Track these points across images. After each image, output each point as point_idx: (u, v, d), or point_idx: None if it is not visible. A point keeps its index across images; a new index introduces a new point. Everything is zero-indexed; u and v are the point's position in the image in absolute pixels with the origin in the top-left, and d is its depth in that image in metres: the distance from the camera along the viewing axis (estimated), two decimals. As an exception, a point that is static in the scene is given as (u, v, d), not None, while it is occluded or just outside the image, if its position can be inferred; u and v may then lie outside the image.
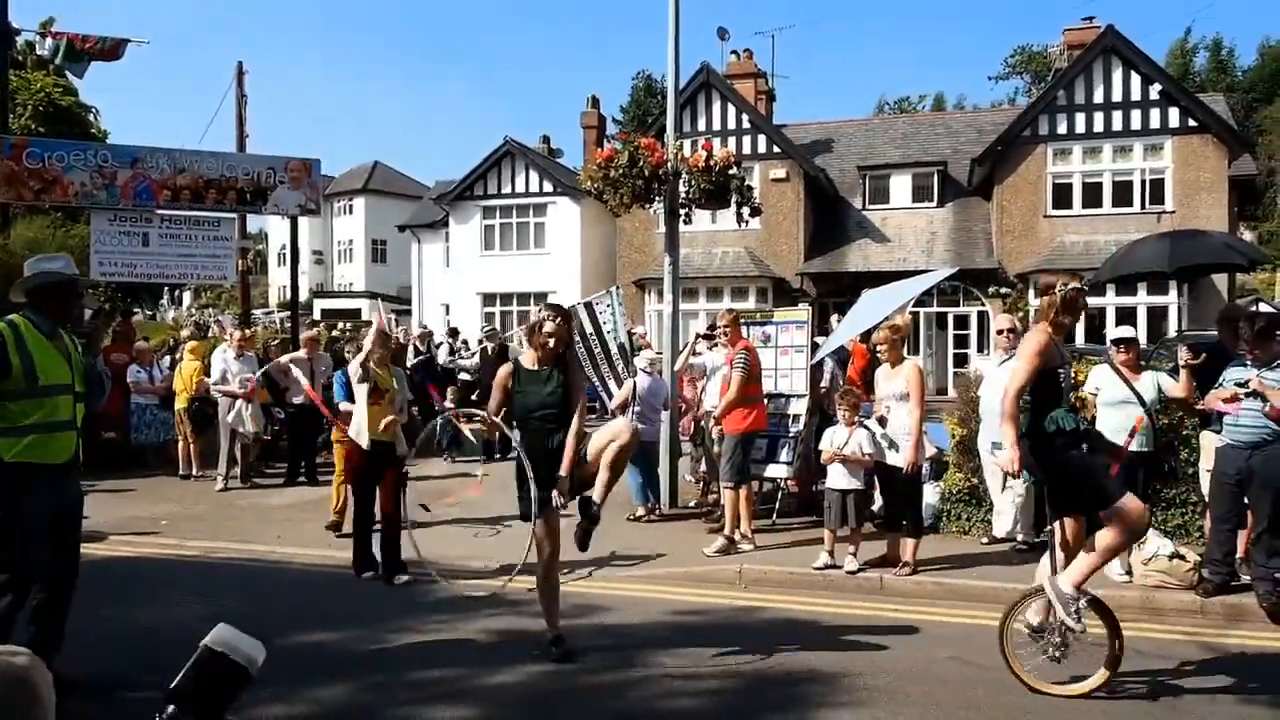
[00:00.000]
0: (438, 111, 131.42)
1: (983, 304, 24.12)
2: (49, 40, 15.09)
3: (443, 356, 15.20)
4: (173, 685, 1.34)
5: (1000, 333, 7.65)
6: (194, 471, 11.32)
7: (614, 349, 10.67)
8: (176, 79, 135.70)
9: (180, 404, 11.44)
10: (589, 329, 10.64)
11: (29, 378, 4.41)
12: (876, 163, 27.36)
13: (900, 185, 26.51)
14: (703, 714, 4.53)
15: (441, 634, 5.65)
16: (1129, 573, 6.48)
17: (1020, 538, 7.35)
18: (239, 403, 10.84)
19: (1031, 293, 22.91)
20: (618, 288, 11.63)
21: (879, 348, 7.06)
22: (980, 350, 23.40)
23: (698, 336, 9.73)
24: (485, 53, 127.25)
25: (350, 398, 7.49)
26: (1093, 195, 23.29)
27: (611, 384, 10.60)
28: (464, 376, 14.19)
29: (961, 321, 24.67)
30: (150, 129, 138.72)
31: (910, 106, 56.74)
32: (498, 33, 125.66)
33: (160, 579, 7.13)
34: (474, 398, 12.98)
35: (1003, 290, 23.66)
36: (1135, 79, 22.88)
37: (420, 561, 6.52)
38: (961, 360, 23.76)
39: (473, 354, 14.57)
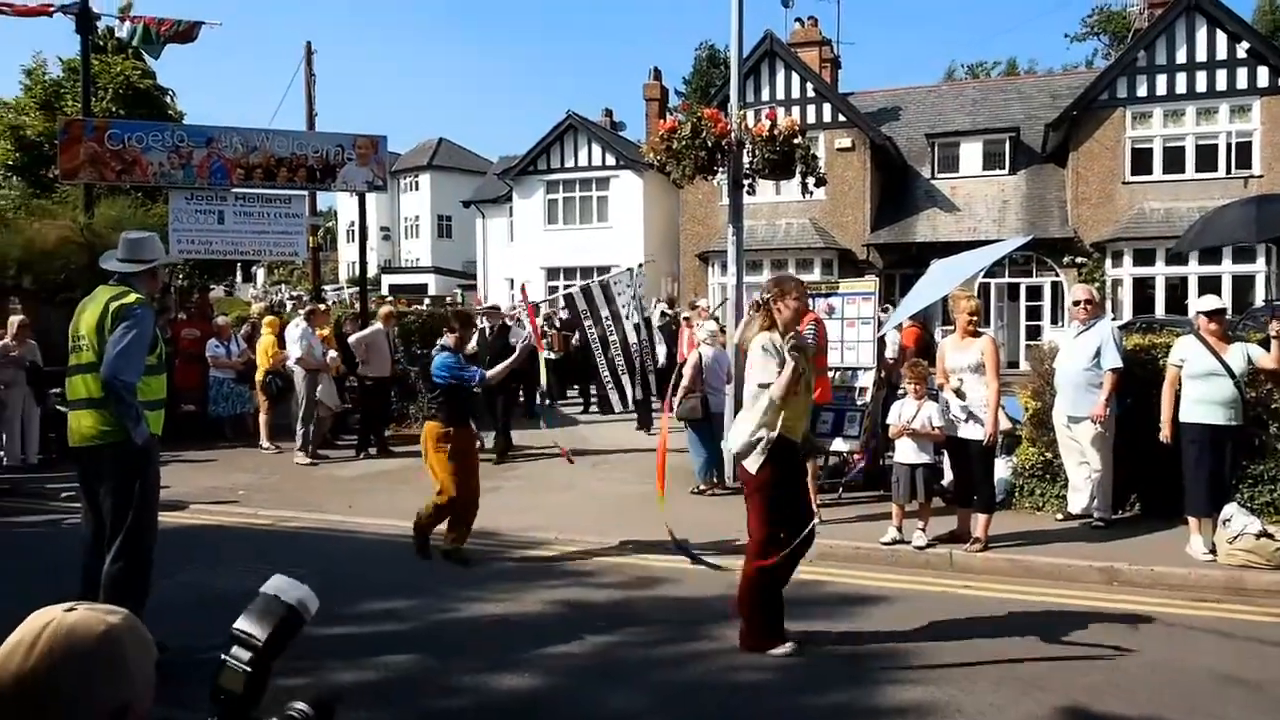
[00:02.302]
0: (501, 87, 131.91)
1: (1057, 274, 23.44)
2: (127, 24, 15.46)
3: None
4: (233, 627, 1.42)
5: (1077, 304, 7.41)
6: (269, 443, 11.62)
7: (629, 330, 10.11)
8: (246, 59, 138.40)
9: (258, 377, 11.76)
10: (604, 311, 10.09)
11: (157, 354, 4.73)
12: (946, 130, 26.67)
13: (970, 153, 25.81)
14: (769, 687, 4.51)
15: (506, 604, 5.72)
16: (1213, 551, 6.25)
17: (1097, 515, 7.15)
18: (324, 376, 11.10)
19: (1109, 262, 22.21)
20: (640, 265, 11.09)
21: (971, 318, 6.84)
22: (1054, 322, 22.78)
23: (754, 304, 9.58)
24: (547, 26, 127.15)
25: (458, 378, 6.69)
26: (1175, 160, 22.37)
27: (624, 376, 10.12)
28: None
29: (1034, 292, 24.01)
30: (222, 109, 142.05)
31: (982, 71, 55.13)
32: (559, 5, 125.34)
33: (237, 546, 7.36)
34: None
35: (1078, 260, 22.95)
36: (1221, 37, 21.85)
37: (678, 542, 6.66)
38: (1034, 332, 23.15)
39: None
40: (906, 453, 6.85)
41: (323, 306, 12.83)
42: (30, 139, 26.66)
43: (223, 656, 1.45)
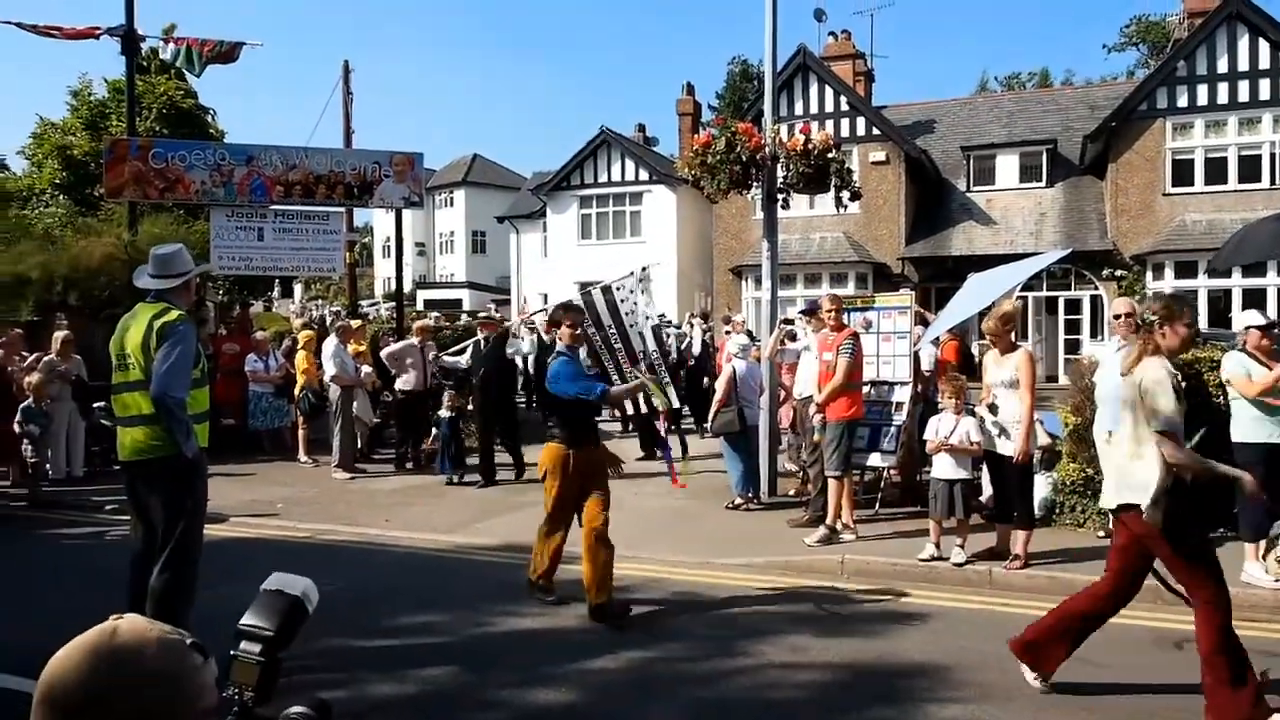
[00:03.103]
0: (535, 103, 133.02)
1: (1096, 287, 23.11)
2: (171, 46, 15.82)
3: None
4: (240, 624, 1.45)
5: (1119, 317, 7.26)
6: (306, 457, 11.75)
7: (634, 339, 9.52)
8: (284, 78, 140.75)
9: (296, 392, 11.92)
10: (606, 319, 9.52)
11: (199, 368, 4.83)
12: (981, 143, 26.45)
13: (1007, 165, 25.57)
14: (805, 705, 4.47)
15: (542, 619, 5.72)
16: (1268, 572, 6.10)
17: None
18: (360, 391, 11.21)
19: (1149, 274, 21.87)
20: (645, 268, 10.20)
21: (988, 339, 6.81)
22: (1094, 335, 22.43)
23: (782, 323, 9.54)
24: (580, 42, 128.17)
25: (576, 385, 5.75)
26: (1216, 171, 22.00)
27: (630, 377, 9.38)
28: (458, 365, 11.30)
29: (1073, 306, 23.68)
30: (261, 127, 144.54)
31: (1016, 83, 54.69)
32: (591, 22, 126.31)
33: (276, 559, 7.36)
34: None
35: (1118, 273, 22.62)
36: (1264, 46, 21.49)
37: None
38: (1073, 346, 22.83)
39: (462, 348, 11.64)
40: (944, 468, 6.77)
41: (355, 323, 12.95)
42: (76, 158, 27.27)
43: (231, 653, 1.47)
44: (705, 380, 12.99)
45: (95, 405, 10.12)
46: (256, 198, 13.80)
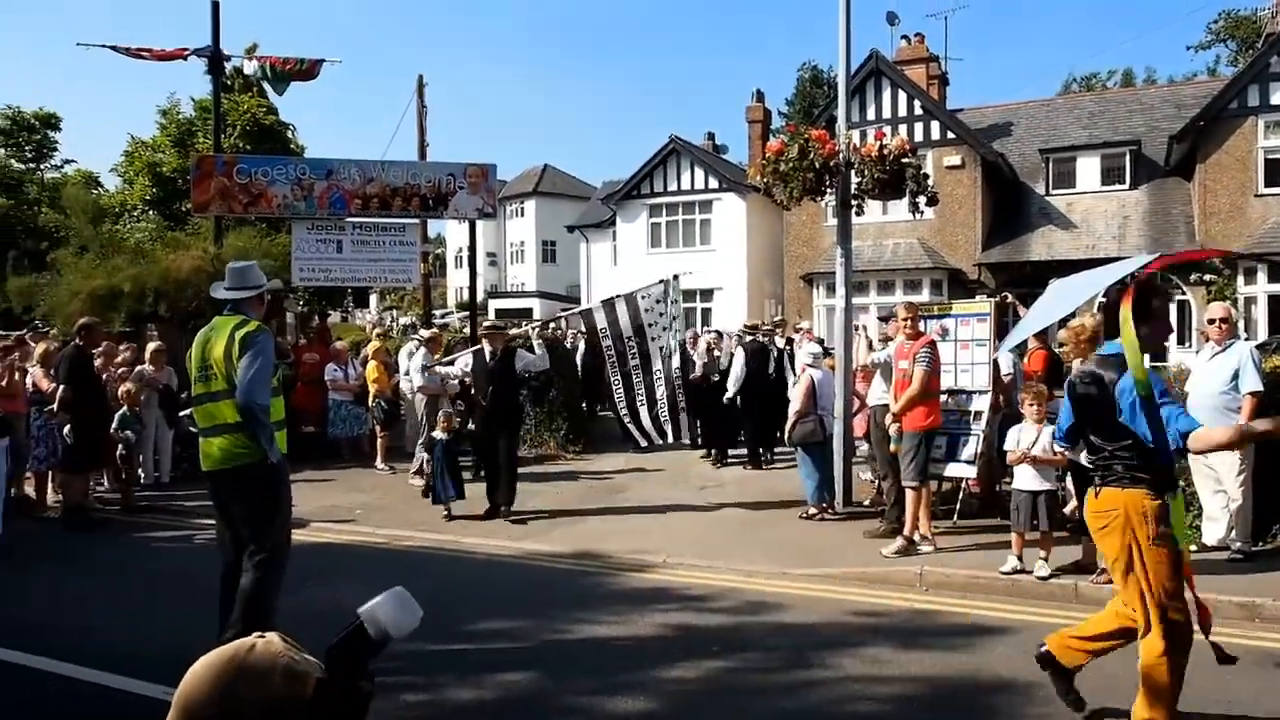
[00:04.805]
0: (605, 113, 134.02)
1: (1183, 293, 22.28)
2: (253, 64, 16.37)
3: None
4: (327, 648, 1.46)
5: (1213, 323, 7.02)
6: (383, 464, 11.97)
7: (654, 352, 9.04)
8: (361, 93, 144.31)
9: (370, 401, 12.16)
10: (627, 330, 9.10)
11: (276, 377, 4.99)
12: (1061, 145, 25.76)
13: (1088, 167, 24.85)
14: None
15: (617, 627, 5.73)
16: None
17: (1235, 546, 6.73)
18: (444, 400, 11.36)
19: (1241, 279, 21.01)
20: (676, 277, 9.67)
21: (1063, 348, 6.62)
22: (1181, 342, 21.64)
23: (862, 327, 9.40)
24: (649, 51, 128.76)
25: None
26: (1312, 171, 21.06)
27: (640, 398, 9.09)
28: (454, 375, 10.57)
29: (1159, 312, 22.84)
30: (338, 142, 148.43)
31: (1098, 84, 53.19)
32: (661, 30, 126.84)
33: (354, 564, 7.59)
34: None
35: (1207, 277, 21.76)
36: (1365, 39, 20.54)
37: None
38: (1159, 354, 22.05)
39: (453, 358, 10.74)
40: (1026, 479, 6.59)
41: (435, 333, 13.12)
42: (165, 175, 28.31)
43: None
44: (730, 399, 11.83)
45: (182, 414, 10.48)
46: (335, 211, 14.18)
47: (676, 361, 9.21)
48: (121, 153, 30.86)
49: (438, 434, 9.27)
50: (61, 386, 8.91)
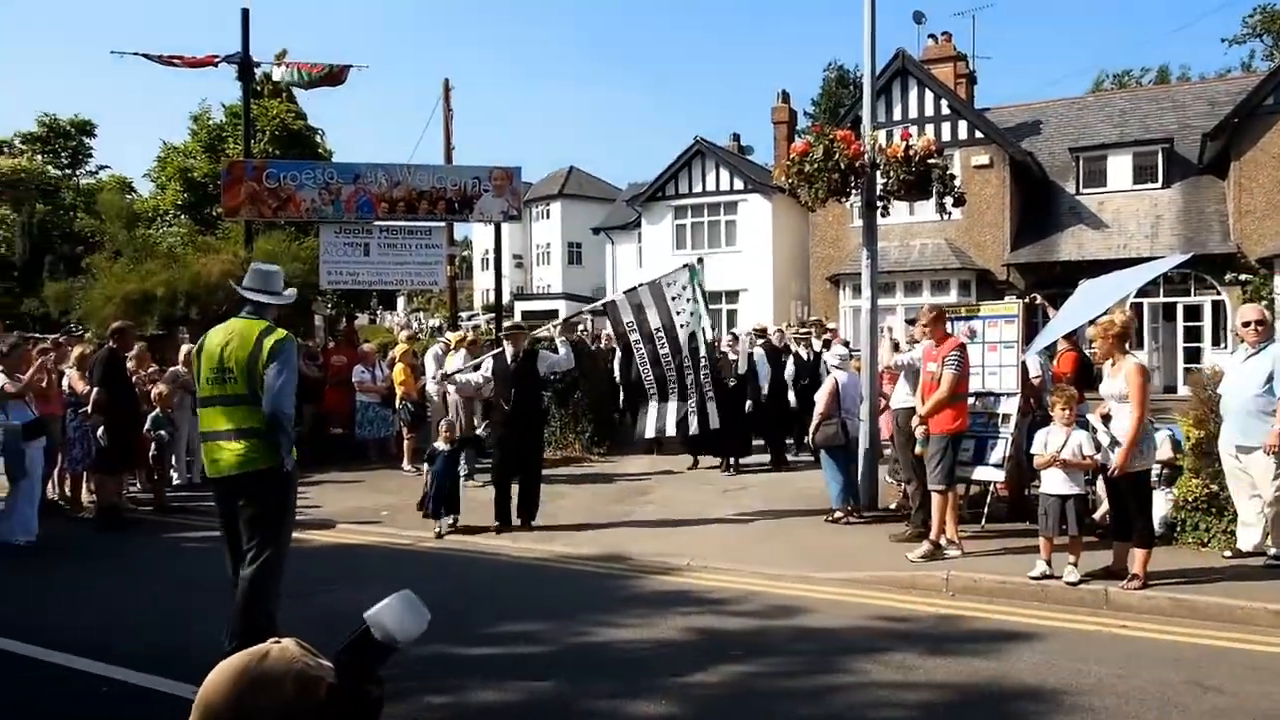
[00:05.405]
0: (630, 115, 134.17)
1: (1218, 293, 21.94)
2: (282, 69, 16.55)
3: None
4: (335, 653, 1.47)
5: (1248, 324, 6.88)
6: (409, 465, 12.05)
7: (684, 342, 8.63)
8: (387, 97, 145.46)
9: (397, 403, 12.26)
10: (654, 323, 8.65)
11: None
12: (1091, 143, 25.45)
13: (1119, 166, 24.53)
14: (911, 726, 4.35)
15: (640, 630, 5.72)
16: None
17: (1271, 552, 6.61)
18: (477, 403, 11.40)
19: (1277, 279, 20.66)
20: (700, 262, 8.99)
21: (1093, 345, 6.54)
22: (1215, 343, 21.32)
23: (886, 329, 9.34)
24: (674, 53, 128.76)
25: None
26: (1352, 168, 20.66)
27: (673, 398, 8.66)
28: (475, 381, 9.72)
29: (1193, 312, 22.52)
30: (365, 145, 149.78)
31: (1131, 81, 52.45)
32: (685, 32, 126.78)
33: (380, 565, 7.65)
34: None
35: (1242, 277, 21.40)
36: (1405, 33, 20.11)
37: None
38: (1193, 355, 21.73)
39: (477, 363, 9.99)
40: (1055, 483, 6.51)
41: (470, 335, 13.18)
42: (197, 180, 28.72)
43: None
44: (749, 404, 11.77)
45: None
46: (363, 214, 14.31)
47: (705, 351, 8.81)
48: (154, 158, 31.36)
49: (439, 445, 8.69)
50: (95, 389, 9.05)
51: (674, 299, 8.73)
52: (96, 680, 4.87)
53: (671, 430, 9.04)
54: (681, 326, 8.69)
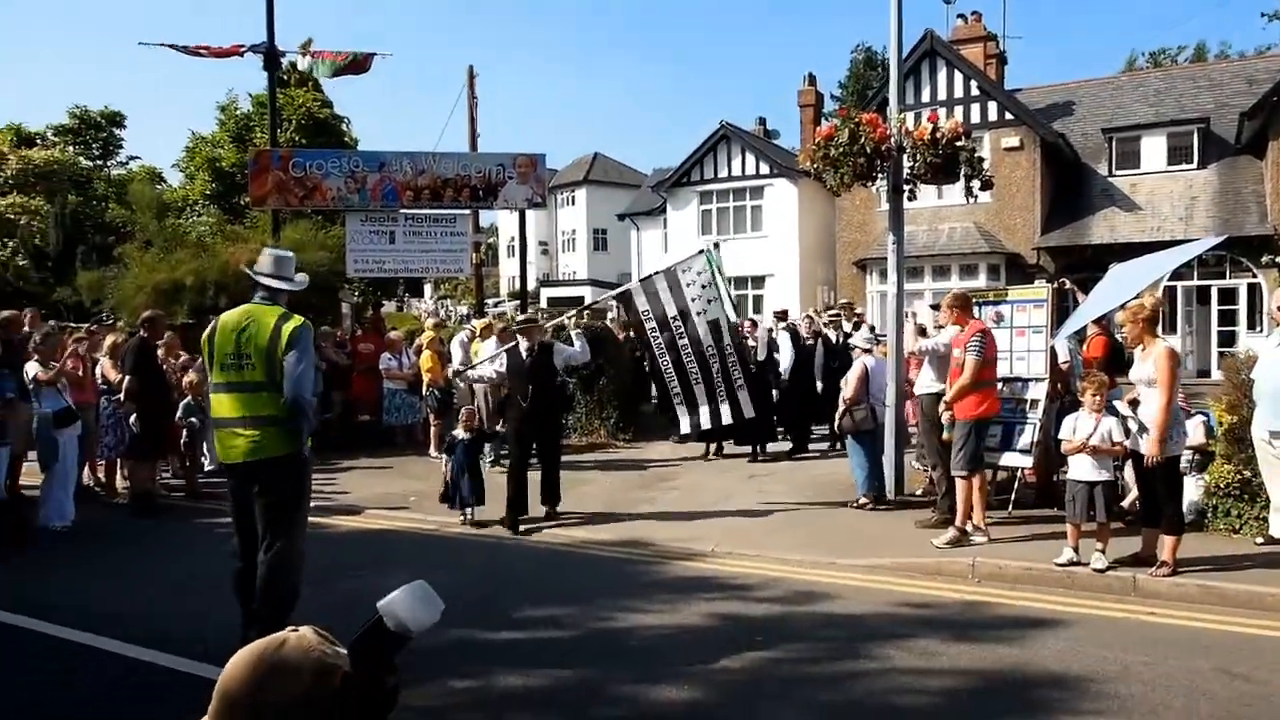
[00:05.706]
0: (655, 99, 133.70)
1: (1254, 275, 21.54)
2: (307, 58, 16.63)
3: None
4: (349, 643, 1.49)
5: (1281, 308, 6.76)
6: (436, 452, 12.13)
7: (705, 332, 8.38)
8: (411, 85, 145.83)
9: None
10: (672, 310, 8.42)
11: None
12: (1124, 124, 25.01)
13: (1153, 147, 24.09)
14: (935, 713, 4.33)
15: (663, 616, 5.74)
16: None
17: (1304, 538, 6.50)
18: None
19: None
20: (716, 245, 8.88)
21: (1123, 329, 6.45)
22: (1251, 327, 20.95)
23: (911, 314, 9.24)
24: (699, 36, 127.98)
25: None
26: (1394, 146, 20.17)
27: (699, 388, 8.40)
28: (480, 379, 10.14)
29: (1228, 295, 22.12)
30: (390, 133, 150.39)
31: (1166, 59, 51.41)
32: (710, 14, 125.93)
33: (406, 550, 7.72)
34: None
35: (1279, 259, 21.00)
36: None
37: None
38: (1228, 339, 21.37)
39: (493, 356, 9.78)
40: (1083, 469, 6.44)
41: (499, 323, 13.20)
42: (224, 169, 29.01)
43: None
44: (774, 392, 11.76)
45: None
46: (388, 202, 14.37)
47: (729, 338, 8.52)
48: (183, 148, 31.72)
49: (459, 433, 8.60)
50: (127, 377, 9.19)
51: (689, 285, 8.47)
52: (128, 663, 4.96)
53: (706, 424, 8.76)
54: (699, 314, 8.44)
